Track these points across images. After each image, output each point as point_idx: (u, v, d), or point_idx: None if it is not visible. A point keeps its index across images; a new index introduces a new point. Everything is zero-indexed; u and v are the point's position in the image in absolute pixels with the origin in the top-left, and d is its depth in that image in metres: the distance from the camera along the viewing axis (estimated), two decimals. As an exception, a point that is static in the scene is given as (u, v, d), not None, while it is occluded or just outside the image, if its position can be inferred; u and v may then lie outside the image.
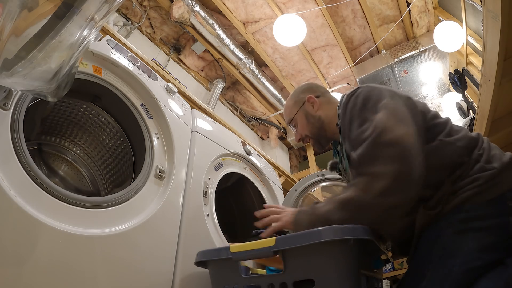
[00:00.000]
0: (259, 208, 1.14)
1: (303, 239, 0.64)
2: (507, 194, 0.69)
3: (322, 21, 2.79)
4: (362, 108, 0.79)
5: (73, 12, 0.53)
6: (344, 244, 0.62)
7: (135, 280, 0.79)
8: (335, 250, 0.63)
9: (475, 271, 0.63)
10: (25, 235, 0.62)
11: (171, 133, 1.06)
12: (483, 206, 0.68)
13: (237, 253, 0.72)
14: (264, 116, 3.64)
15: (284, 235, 0.76)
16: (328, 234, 0.62)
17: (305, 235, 0.64)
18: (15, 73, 0.53)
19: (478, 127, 1.24)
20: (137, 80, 1.06)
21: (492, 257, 0.65)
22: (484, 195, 0.69)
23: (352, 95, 0.84)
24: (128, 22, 2.51)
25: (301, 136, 1.05)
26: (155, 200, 0.92)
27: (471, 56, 2.21)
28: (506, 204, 0.68)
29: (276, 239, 0.67)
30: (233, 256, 0.73)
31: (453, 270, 0.63)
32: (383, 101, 0.77)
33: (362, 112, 0.78)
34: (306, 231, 0.66)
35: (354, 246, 0.62)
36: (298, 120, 1.05)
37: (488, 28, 0.87)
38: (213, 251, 0.82)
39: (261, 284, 0.71)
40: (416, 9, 2.70)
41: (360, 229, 0.64)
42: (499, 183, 0.70)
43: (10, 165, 0.65)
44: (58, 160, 1.15)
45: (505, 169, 0.72)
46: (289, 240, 0.66)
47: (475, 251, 0.64)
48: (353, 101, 0.82)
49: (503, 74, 0.92)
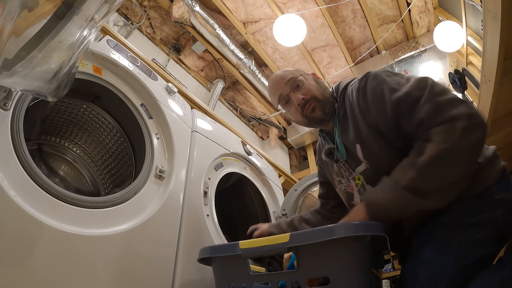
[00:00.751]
0: (259, 208, 1.14)
1: (319, 235, 0.62)
2: (493, 188, 0.69)
3: (322, 21, 2.79)
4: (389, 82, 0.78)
5: (73, 12, 0.53)
6: (361, 241, 0.61)
7: (135, 280, 0.79)
8: (352, 246, 0.61)
9: (468, 268, 0.63)
10: (25, 235, 0.62)
11: (171, 133, 1.06)
12: (470, 202, 0.69)
13: (247, 250, 0.70)
14: (264, 116, 3.64)
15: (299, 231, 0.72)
16: (346, 231, 0.60)
17: (321, 231, 0.62)
18: (15, 73, 0.53)
19: (478, 127, 1.23)
20: (137, 80, 1.07)
21: (485, 252, 0.65)
22: (470, 191, 0.69)
23: (363, 83, 0.83)
24: (128, 22, 2.51)
25: (306, 97, 0.90)
26: (155, 200, 0.92)
27: (471, 56, 2.21)
28: (493, 198, 0.68)
29: (291, 234, 0.65)
30: (243, 253, 0.70)
31: (446, 269, 0.63)
32: (403, 77, 0.78)
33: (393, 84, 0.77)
34: (322, 227, 0.64)
35: (370, 242, 0.61)
36: (305, 81, 0.92)
37: (488, 28, 0.87)
38: (219, 248, 0.80)
39: (270, 281, 0.69)
40: (416, 9, 2.70)
41: (376, 226, 0.63)
42: (484, 178, 0.70)
43: (10, 165, 0.65)
44: (58, 160, 1.15)
45: (489, 163, 0.72)
46: (304, 236, 0.64)
47: (467, 250, 0.64)
48: (373, 83, 0.80)
49: (503, 74, 0.92)
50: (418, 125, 0.69)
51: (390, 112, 0.74)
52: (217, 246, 0.80)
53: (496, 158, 0.75)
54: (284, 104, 0.95)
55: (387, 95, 0.76)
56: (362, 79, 0.84)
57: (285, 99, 0.94)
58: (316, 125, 0.96)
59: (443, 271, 0.63)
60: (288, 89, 0.92)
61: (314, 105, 0.90)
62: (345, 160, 0.88)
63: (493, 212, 0.67)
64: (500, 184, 0.71)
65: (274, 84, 0.97)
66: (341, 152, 0.88)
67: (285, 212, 1.41)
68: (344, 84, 0.92)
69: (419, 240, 0.72)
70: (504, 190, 0.70)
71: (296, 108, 0.91)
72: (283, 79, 0.94)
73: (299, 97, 0.90)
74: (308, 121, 0.93)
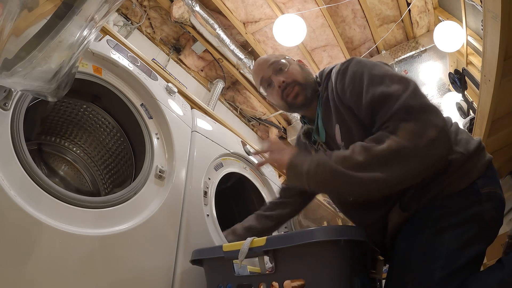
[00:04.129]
0: (259, 208, 1.14)
1: (293, 239, 0.63)
2: (479, 181, 0.67)
3: (322, 21, 2.79)
4: (371, 70, 0.75)
5: (73, 12, 0.53)
6: (335, 245, 0.61)
7: (135, 280, 0.79)
8: (326, 250, 0.62)
9: (459, 271, 0.61)
10: (25, 235, 0.62)
11: (171, 133, 1.06)
12: (455, 198, 0.66)
13: (228, 252, 0.73)
14: (264, 116, 3.64)
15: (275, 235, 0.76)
16: (319, 235, 0.60)
17: (295, 235, 0.64)
18: (15, 73, 0.53)
19: (478, 127, 1.24)
20: (137, 80, 1.06)
21: (474, 251, 0.63)
22: (454, 186, 0.67)
23: (344, 66, 0.81)
24: (128, 22, 2.51)
25: (287, 80, 0.89)
26: (155, 200, 0.92)
27: (471, 56, 2.21)
28: (479, 192, 0.66)
29: (267, 238, 0.67)
30: (225, 255, 0.73)
31: (435, 275, 0.61)
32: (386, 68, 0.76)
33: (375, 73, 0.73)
34: (297, 231, 0.65)
35: (345, 246, 0.61)
36: (289, 65, 0.91)
37: (488, 28, 0.87)
38: (207, 250, 0.82)
39: (253, 283, 0.71)
40: (416, 9, 2.70)
41: (353, 230, 0.63)
42: (468, 171, 0.68)
43: (10, 165, 0.65)
44: (58, 160, 1.15)
45: (474, 156, 0.69)
46: (280, 240, 0.66)
47: (456, 251, 0.62)
48: (355, 66, 0.78)
49: (503, 74, 0.92)
50: (389, 118, 0.66)
51: (365, 103, 0.72)
52: (205, 249, 0.83)
53: (481, 151, 0.72)
54: (266, 87, 0.94)
55: (366, 84, 0.73)
56: (344, 63, 0.82)
57: (267, 82, 0.93)
58: (297, 110, 0.94)
59: (431, 278, 0.61)
60: (270, 71, 0.91)
61: (297, 90, 0.88)
62: (324, 142, 0.87)
63: (480, 207, 0.65)
64: (485, 177, 0.68)
65: (257, 66, 0.96)
66: (320, 134, 0.87)
67: (285, 212, 1.41)
68: (328, 69, 0.90)
69: (405, 243, 0.69)
70: (490, 184, 0.67)
71: (277, 91, 0.90)
72: (266, 62, 0.93)
73: (280, 80, 0.89)
74: (288, 105, 0.91)
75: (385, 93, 0.68)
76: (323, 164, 0.67)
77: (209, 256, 0.80)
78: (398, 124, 0.64)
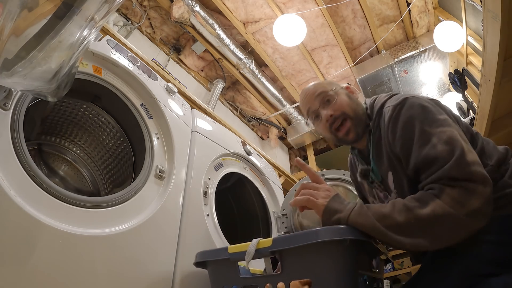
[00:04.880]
0: (259, 208, 1.14)
1: (300, 239, 0.64)
2: None
3: (322, 21, 2.79)
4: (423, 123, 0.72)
5: (73, 12, 0.53)
6: (341, 245, 0.62)
7: (135, 280, 0.79)
8: (332, 250, 0.62)
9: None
10: (25, 235, 0.62)
11: (171, 133, 1.07)
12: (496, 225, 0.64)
13: (234, 254, 0.73)
14: (264, 116, 3.64)
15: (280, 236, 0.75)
16: (325, 235, 0.61)
17: (302, 236, 0.64)
18: (15, 73, 0.53)
19: (478, 127, 1.24)
20: (137, 80, 1.07)
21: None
22: (502, 210, 0.65)
23: (397, 110, 0.77)
24: (128, 22, 2.51)
25: (336, 114, 0.85)
26: (155, 200, 0.92)
27: (471, 56, 2.21)
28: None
29: (273, 239, 0.67)
30: (231, 257, 0.73)
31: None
32: (441, 116, 0.72)
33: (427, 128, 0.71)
34: (303, 231, 0.66)
35: (350, 246, 0.62)
36: (336, 95, 0.88)
37: (488, 28, 0.87)
38: (211, 252, 0.82)
39: (259, 284, 0.71)
40: (416, 9, 2.70)
41: (357, 230, 0.64)
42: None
43: (10, 165, 0.65)
44: (58, 160, 1.15)
45: None
46: (286, 240, 0.66)
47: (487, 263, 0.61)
48: (406, 114, 0.74)
49: (503, 74, 0.92)
50: (434, 180, 0.65)
51: (412, 163, 0.71)
52: (210, 251, 0.83)
53: None
54: (314, 119, 0.91)
55: (415, 142, 0.71)
56: (397, 106, 0.77)
57: (314, 113, 0.90)
58: (347, 144, 0.92)
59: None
60: (317, 103, 0.89)
61: (348, 126, 0.85)
62: (380, 181, 0.85)
63: None
64: None
65: (304, 98, 0.94)
66: (376, 176, 0.85)
67: (285, 212, 1.41)
68: (379, 103, 0.85)
69: (439, 268, 0.67)
70: None
71: (324, 125, 0.88)
72: (313, 93, 0.90)
73: (328, 114, 0.86)
74: (338, 140, 0.89)
75: (431, 156, 0.67)
76: (365, 215, 0.66)
77: (213, 258, 0.79)
78: (444, 189, 0.62)
